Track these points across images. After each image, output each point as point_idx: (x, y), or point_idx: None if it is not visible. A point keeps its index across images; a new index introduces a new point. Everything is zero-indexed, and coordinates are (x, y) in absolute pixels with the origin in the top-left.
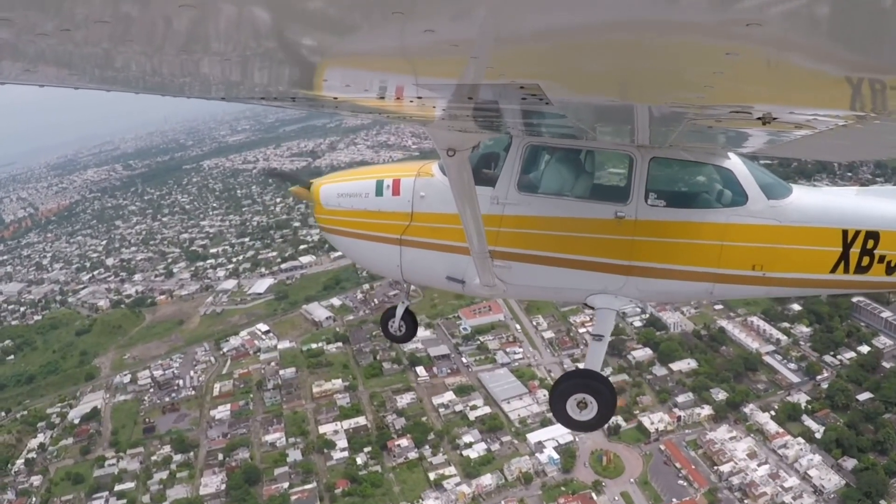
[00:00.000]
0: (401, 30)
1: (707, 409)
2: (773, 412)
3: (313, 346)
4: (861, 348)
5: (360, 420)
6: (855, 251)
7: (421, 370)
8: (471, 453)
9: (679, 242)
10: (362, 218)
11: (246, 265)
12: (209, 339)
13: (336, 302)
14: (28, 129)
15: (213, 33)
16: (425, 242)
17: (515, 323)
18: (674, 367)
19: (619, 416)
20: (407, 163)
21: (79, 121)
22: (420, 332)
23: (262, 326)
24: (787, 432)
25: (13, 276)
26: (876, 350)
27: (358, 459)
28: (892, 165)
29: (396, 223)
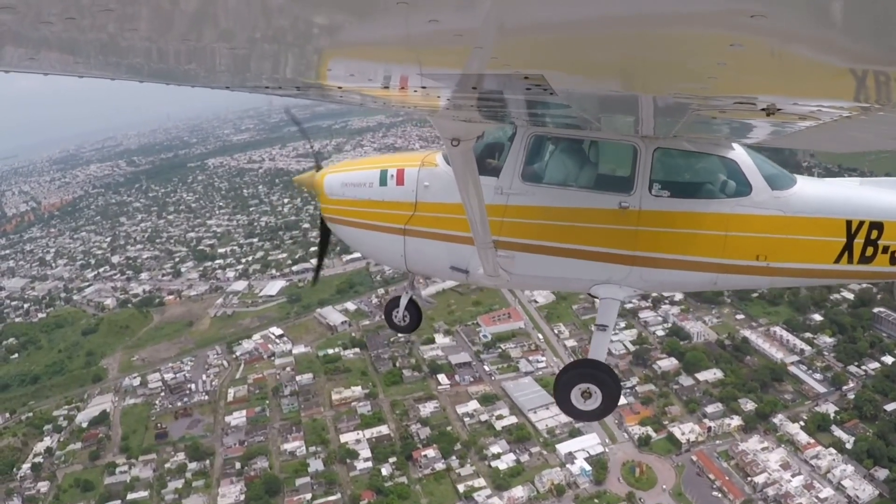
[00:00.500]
0: (405, 19)
1: (736, 420)
2: (803, 422)
3: (329, 351)
4: (885, 359)
5: (383, 429)
6: (859, 241)
7: (442, 378)
8: (499, 464)
9: (683, 232)
10: (366, 208)
11: (256, 266)
12: (221, 342)
13: (350, 306)
14: (29, 122)
15: (218, 20)
16: (429, 232)
17: (537, 332)
18: (700, 377)
19: (649, 426)
20: (411, 153)
21: (80, 116)
22: (439, 339)
23: (276, 330)
24: (818, 443)
25: (16, 272)
26: None
27: (383, 470)
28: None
29: (400, 213)
